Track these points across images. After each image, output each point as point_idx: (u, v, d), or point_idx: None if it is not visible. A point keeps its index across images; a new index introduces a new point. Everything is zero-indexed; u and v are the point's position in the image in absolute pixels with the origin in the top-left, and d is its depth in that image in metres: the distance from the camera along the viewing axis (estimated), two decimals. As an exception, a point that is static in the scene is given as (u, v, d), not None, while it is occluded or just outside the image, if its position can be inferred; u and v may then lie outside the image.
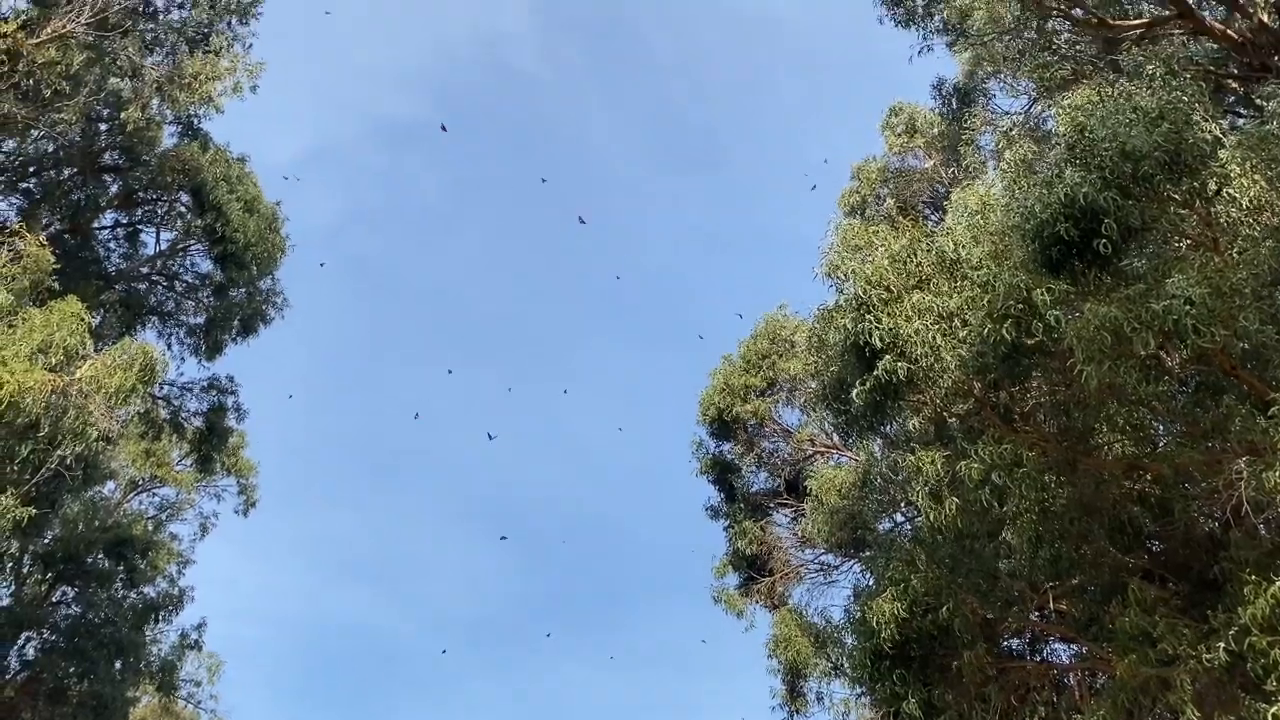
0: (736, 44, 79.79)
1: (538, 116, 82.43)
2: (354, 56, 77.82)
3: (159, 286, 30.57)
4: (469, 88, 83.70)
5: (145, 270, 29.89)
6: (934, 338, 13.47)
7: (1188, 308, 10.87)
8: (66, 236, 27.81)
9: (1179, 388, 13.68)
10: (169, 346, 30.08)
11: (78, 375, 18.16)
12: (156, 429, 32.04)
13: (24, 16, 21.89)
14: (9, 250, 19.49)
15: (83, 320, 18.66)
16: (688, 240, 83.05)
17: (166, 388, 30.84)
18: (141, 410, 28.37)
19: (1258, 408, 11.83)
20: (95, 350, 19.82)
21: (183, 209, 28.80)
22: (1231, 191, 12.44)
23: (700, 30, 79.17)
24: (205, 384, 31.42)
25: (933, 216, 25.44)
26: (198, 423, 31.84)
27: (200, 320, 30.22)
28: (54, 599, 31.35)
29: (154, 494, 38.07)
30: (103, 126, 26.96)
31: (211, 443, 32.38)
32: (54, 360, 18.07)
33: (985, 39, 22.86)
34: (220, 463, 35.77)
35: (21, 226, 20.62)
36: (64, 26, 22.63)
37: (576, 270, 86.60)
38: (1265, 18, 19.23)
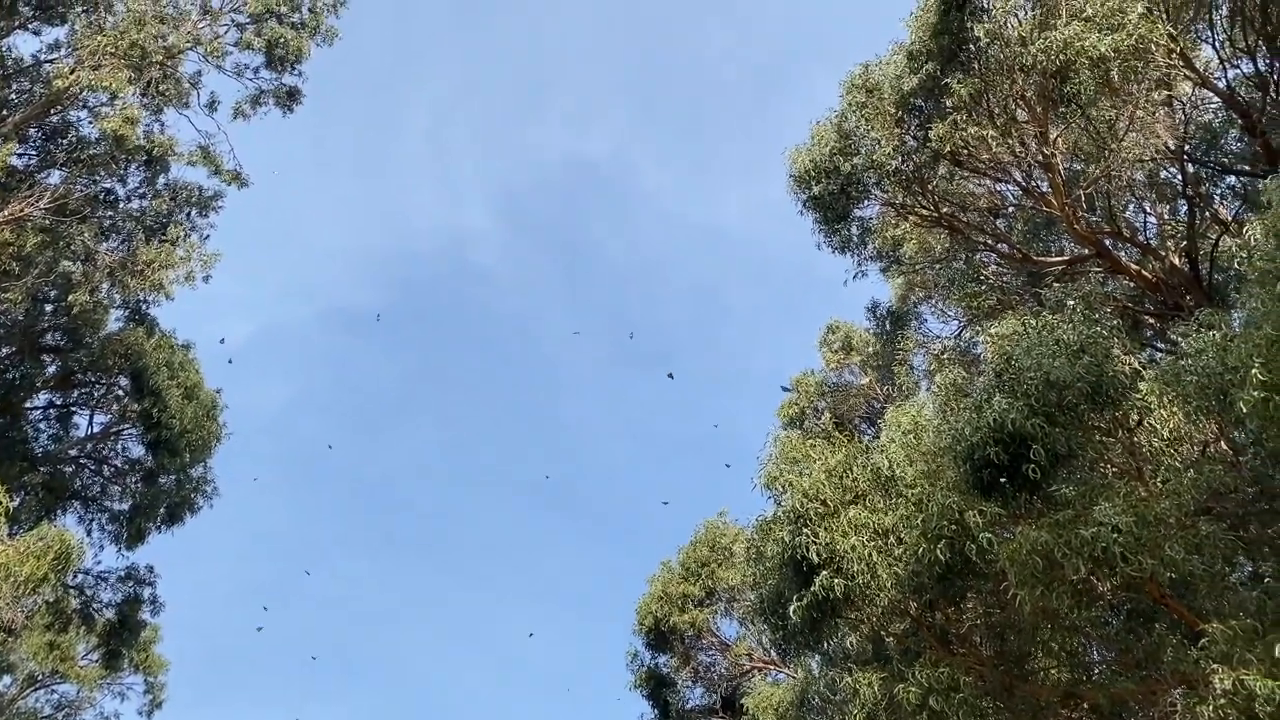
0: (689, 252, 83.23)
1: (494, 312, 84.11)
2: (315, 243, 79.50)
3: (86, 470, 29.77)
4: (428, 280, 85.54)
5: (74, 453, 29.18)
6: (870, 555, 13.51)
7: (1115, 535, 11.07)
8: (-4, 415, 27.26)
9: (1111, 614, 13.75)
10: (89, 533, 29.02)
11: (-13, 562, 17.36)
12: (65, 620, 30.44)
13: (-17, 199, 22.22)
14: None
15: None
16: (636, 439, 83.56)
17: (81, 576, 29.55)
18: (51, 600, 27.02)
19: (1188, 638, 11.90)
20: (10, 535, 19.04)
21: (120, 393, 28.47)
22: (1152, 423, 12.96)
23: (655, 237, 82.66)
24: (123, 574, 30.18)
25: (868, 431, 25.98)
26: (109, 615, 30.33)
27: (125, 507, 29.29)
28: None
29: (53, 690, 35.74)
30: (48, 307, 26.95)
31: (122, 637, 30.77)
32: (-37, 545, 17.33)
33: (917, 267, 24.14)
34: (129, 659, 33.87)
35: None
36: (22, 210, 22.98)
37: (525, 465, 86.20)
38: (1176, 261, 20.60)
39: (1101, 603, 13.07)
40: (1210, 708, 10.58)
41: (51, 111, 25.39)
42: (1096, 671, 14.10)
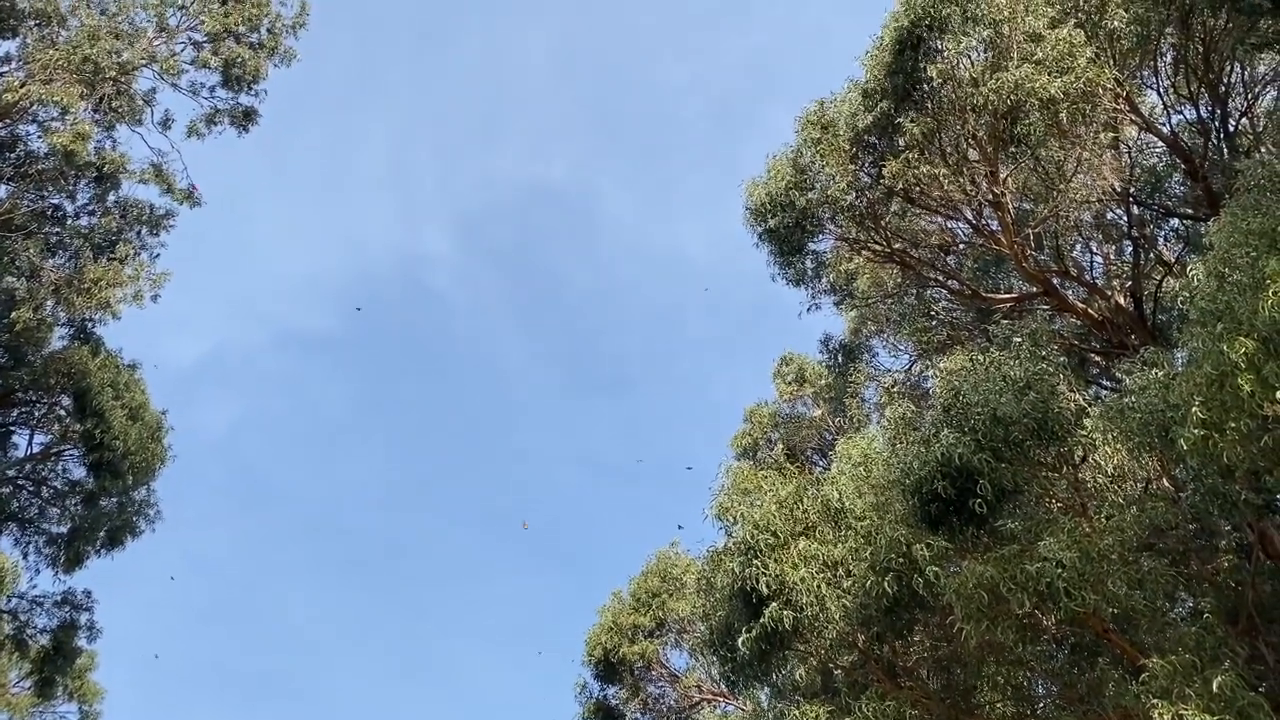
0: (649, 280, 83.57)
1: (450, 336, 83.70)
2: (269, 265, 78.64)
3: (24, 491, 28.99)
4: (383, 304, 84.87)
5: (12, 474, 28.42)
6: (819, 587, 13.54)
7: (1059, 570, 11.21)
8: (-69, 434, 26.55)
9: (1055, 649, 13.89)
10: (25, 556, 28.15)
11: (-85, 585, 16.85)
12: (-3, 646, 29.53)
13: (-76, 213, 21.72)
14: None
15: (-69, 525, 17.52)
16: (592, 465, 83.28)
17: (15, 601, 28.69)
18: (-18, 624, 26.29)
19: (1130, 672, 12.04)
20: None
21: (62, 413, 27.80)
22: (1097, 459, 13.17)
23: (615, 264, 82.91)
24: (59, 598, 29.33)
25: (820, 463, 26.13)
26: (44, 641, 29.46)
27: (63, 529, 28.55)
28: None
29: (-18, 719, 34.60)
30: (-11, 324, 26.33)
31: (56, 663, 29.87)
32: (-109, 567, 16.82)
33: (869, 301, 24.40)
34: (63, 686, 32.92)
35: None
36: (-35, 224, 22.51)
37: (477, 491, 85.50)
38: (1121, 300, 21.01)
39: (1046, 637, 13.20)
40: (1151, 742, 10.69)
41: (0, 125, 24.95)
42: (1040, 705, 14.21)
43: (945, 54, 18.16)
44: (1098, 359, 21.11)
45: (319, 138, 77.38)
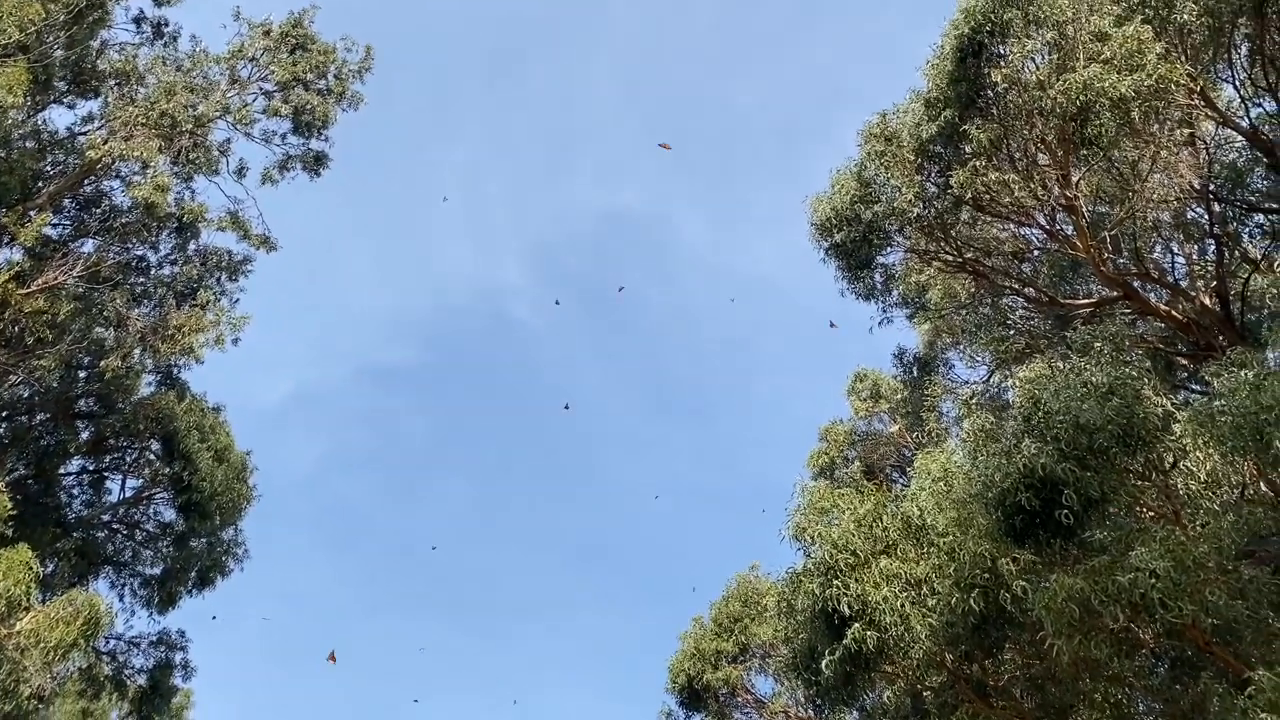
0: (724, 301, 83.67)
1: (530, 365, 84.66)
2: (349, 302, 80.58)
3: (119, 535, 29.88)
4: (463, 335, 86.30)
5: (106, 518, 29.31)
6: (903, 606, 13.28)
7: (1153, 581, 10.80)
8: (30, 482, 27.48)
9: (1155, 663, 13.39)
10: (121, 598, 29.07)
11: (17, 628, 17.38)
12: (97, 686, 30.36)
13: (17, 268, 22.58)
14: (-36, 496, 19.11)
15: (31, 569, 18.06)
16: (674, 491, 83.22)
17: (113, 642, 29.56)
18: (83, 666, 27.03)
19: (1235, 686, 11.52)
20: (42, 601, 19.10)
21: (152, 457, 28.63)
22: (1188, 465, 12.69)
23: (689, 287, 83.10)
24: (154, 639, 30.10)
25: (900, 479, 25.66)
26: (141, 681, 30.23)
27: (157, 571, 29.35)
28: None
29: (85, 758, 35.48)
30: (81, 374, 27.26)
31: (154, 703, 30.58)
32: (-5, 611, 17.36)
33: (943, 313, 23.98)
34: (160, 725, 33.70)
35: (-20, 472, 20.38)
36: (55, 278, 23.34)
37: (561, 520, 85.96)
38: (1207, 300, 20.31)
39: (1144, 651, 12.73)
40: (1261, 760, 10.21)
41: (85, 182, 25.92)
42: (1142, 724, 13.69)
43: (1009, 58, 17.86)
44: (1185, 362, 20.41)
45: (393, 176, 79.25)
